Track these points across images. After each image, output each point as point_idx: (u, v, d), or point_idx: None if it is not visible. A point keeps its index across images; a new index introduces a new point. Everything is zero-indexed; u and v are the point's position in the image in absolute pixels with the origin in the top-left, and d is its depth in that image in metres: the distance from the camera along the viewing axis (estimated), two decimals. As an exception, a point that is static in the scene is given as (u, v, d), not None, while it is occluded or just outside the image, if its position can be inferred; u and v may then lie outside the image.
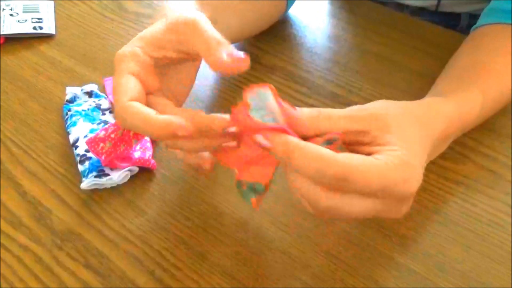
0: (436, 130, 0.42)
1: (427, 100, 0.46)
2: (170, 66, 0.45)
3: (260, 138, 0.35)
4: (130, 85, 0.40)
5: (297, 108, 0.38)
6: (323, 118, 0.37)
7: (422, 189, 0.49)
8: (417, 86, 0.60)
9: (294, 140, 0.34)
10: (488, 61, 0.51)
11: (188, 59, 0.44)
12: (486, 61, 0.52)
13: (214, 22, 0.44)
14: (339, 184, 0.33)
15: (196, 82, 0.48)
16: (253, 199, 0.39)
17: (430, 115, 0.42)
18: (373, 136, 0.37)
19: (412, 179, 0.35)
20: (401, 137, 0.37)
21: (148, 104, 0.40)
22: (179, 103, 0.47)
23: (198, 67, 0.47)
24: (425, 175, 0.50)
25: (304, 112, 0.37)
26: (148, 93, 0.42)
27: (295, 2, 0.70)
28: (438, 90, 0.50)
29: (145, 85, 0.42)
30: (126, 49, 0.42)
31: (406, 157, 0.35)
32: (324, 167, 0.33)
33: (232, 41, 0.60)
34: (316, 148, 0.33)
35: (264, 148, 0.35)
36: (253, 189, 0.39)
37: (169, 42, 0.42)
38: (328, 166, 0.33)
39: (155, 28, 0.43)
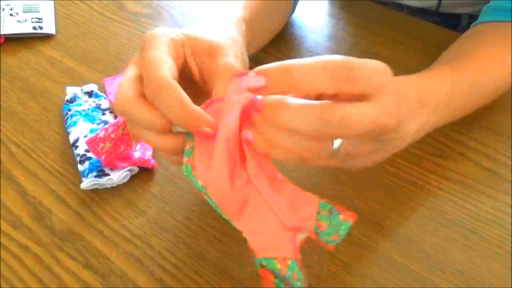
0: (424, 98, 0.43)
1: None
2: None
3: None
4: (172, 65, 0.37)
5: None
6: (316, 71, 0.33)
7: (422, 188, 0.49)
8: (417, 86, 0.59)
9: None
10: (475, 50, 0.51)
11: (198, 94, 0.40)
12: (473, 50, 0.51)
13: (249, 44, 0.44)
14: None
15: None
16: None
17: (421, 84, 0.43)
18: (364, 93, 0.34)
19: (395, 119, 0.34)
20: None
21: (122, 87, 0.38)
22: None
23: None
24: (425, 175, 0.50)
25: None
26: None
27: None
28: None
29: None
30: (166, 31, 0.39)
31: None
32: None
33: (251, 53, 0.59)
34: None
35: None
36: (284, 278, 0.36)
37: (202, 60, 0.40)
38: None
39: (202, 38, 0.40)
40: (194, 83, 0.41)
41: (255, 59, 0.65)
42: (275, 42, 0.67)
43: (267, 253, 0.36)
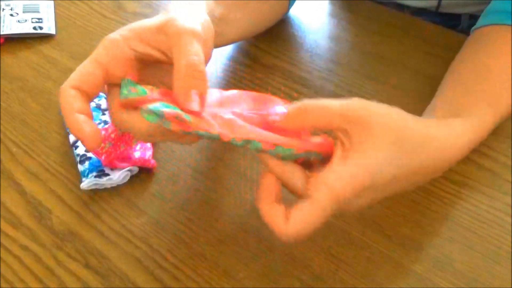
0: (422, 157, 0.40)
1: (436, 137, 0.42)
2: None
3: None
4: (84, 72, 0.41)
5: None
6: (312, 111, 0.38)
7: (422, 189, 0.49)
8: (417, 86, 0.59)
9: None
10: (499, 72, 0.50)
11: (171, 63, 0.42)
12: (492, 69, 0.51)
13: (226, 18, 0.44)
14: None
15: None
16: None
17: (426, 147, 0.40)
18: (351, 141, 0.37)
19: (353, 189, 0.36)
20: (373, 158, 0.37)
21: (109, 95, 0.42)
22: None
23: None
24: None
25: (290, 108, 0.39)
26: (113, 83, 0.42)
27: (296, 2, 0.70)
28: (448, 103, 0.49)
29: (109, 75, 0.41)
30: (110, 35, 0.42)
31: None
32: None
33: (238, 38, 0.60)
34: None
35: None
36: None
37: (155, 42, 0.41)
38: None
39: (148, 23, 0.42)
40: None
41: (255, 59, 0.65)
42: (275, 42, 0.67)
43: None
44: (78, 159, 0.50)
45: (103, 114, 0.55)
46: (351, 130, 0.37)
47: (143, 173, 0.50)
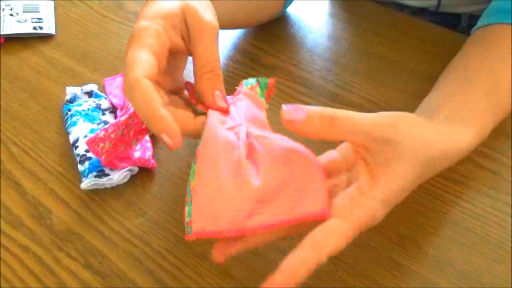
0: (436, 171, 0.42)
1: (444, 134, 0.43)
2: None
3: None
4: (149, 61, 0.38)
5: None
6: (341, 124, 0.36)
7: (422, 188, 0.49)
8: (417, 86, 0.59)
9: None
10: (501, 75, 0.50)
11: (186, 53, 0.42)
12: (498, 74, 0.50)
13: (215, 3, 0.44)
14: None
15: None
16: None
17: (442, 159, 0.41)
18: (376, 161, 0.36)
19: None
20: (394, 176, 0.37)
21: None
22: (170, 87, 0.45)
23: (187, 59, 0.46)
24: (425, 175, 0.50)
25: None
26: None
27: (296, 2, 0.70)
28: (449, 105, 0.48)
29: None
30: (149, 24, 0.40)
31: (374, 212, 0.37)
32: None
33: (223, 27, 0.60)
34: None
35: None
36: None
37: (182, 31, 0.40)
38: None
39: (172, 10, 0.41)
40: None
41: (255, 58, 0.65)
42: (275, 42, 0.67)
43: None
44: (78, 159, 0.50)
45: (103, 114, 0.55)
46: (376, 149, 0.36)
47: (143, 173, 0.50)
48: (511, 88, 0.50)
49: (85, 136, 0.51)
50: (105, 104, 0.57)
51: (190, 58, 0.43)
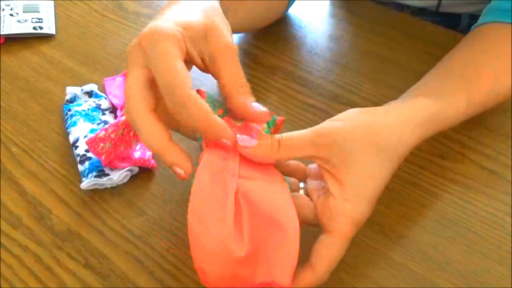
0: (400, 152, 0.42)
1: (398, 109, 0.44)
2: None
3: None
4: (188, 74, 0.37)
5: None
6: (284, 147, 0.39)
7: (422, 188, 0.49)
8: (417, 86, 0.59)
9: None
10: (481, 62, 0.51)
11: (204, 70, 0.42)
12: (478, 62, 0.51)
13: (225, 10, 0.44)
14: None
15: (197, 82, 0.48)
16: None
17: (396, 134, 0.42)
18: (333, 164, 0.39)
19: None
20: (356, 175, 0.39)
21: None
22: None
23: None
24: (425, 175, 0.50)
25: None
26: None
27: (296, 2, 0.70)
28: (423, 86, 0.49)
29: None
30: (172, 30, 0.38)
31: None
32: None
33: (233, 31, 0.61)
34: None
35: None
36: None
37: (202, 47, 0.40)
38: None
39: (195, 23, 0.40)
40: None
41: (255, 59, 0.65)
42: (275, 42, 0.67)
43: None
44: (78, 159, 0.50)
45: (103, 114, 0.55)
46: (327, 155, 0.39)
47: (143, 173, 0.50)
48: (493, 79, 0.50)
49: (85, 136, 0.51)
50: (105, 104, 0.57)
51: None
